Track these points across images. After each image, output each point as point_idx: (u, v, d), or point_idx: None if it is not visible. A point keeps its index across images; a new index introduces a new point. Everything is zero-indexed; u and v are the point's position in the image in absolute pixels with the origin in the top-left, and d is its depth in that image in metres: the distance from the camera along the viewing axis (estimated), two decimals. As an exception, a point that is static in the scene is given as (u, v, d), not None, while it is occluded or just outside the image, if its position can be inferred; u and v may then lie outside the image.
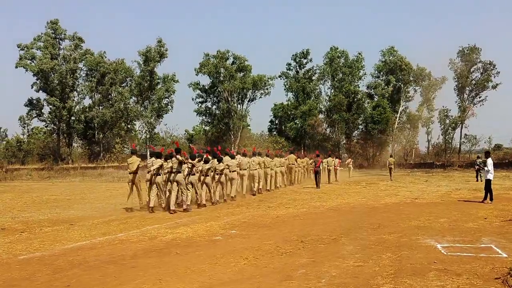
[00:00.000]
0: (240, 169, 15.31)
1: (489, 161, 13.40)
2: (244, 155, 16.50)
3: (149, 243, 7.41)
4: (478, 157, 28.44)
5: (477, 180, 23.49)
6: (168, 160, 11.92)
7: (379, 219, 9.91)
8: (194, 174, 12.22)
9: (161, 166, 11.76)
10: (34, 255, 6.57)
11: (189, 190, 12.06)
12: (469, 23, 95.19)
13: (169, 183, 11.95)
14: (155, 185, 11.79)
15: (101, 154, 53.26)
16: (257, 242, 7.34)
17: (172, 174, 11.77)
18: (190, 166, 12.06)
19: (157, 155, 12.25)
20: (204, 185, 13.03)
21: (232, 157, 15.14)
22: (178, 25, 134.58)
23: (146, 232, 8.49)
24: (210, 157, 13.36)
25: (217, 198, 13.71)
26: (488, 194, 13.17)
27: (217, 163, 13.57)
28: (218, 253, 6.53)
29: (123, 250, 6.82)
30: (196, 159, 12.39)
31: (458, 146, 51.04)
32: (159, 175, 11.71)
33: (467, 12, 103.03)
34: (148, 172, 12.01)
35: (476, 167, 24.44)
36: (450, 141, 51.65)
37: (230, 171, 14.33)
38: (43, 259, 6.27)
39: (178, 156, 11.66)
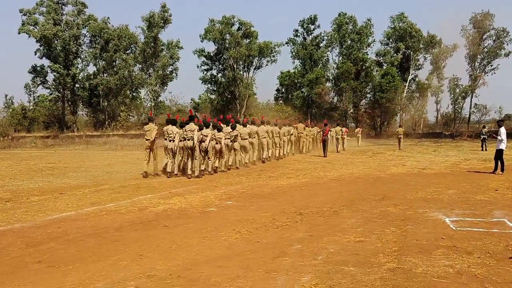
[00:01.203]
0: (250, 137, 15.43)
1: (502, 130, 12.74)
2: (253, 123, 16.57)
3: (138, 214, 7.00)
4: (484, 127, 28.11)
5: (482, 150, 23.43)
6: (183, 128, 12.18)
7: (384, 190, 9.42)
8: (203, 142, 12.27)
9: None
10: (13, 226, 6.19)
11: (202, 156, 12.36)
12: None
13: (184, 149, 12.33)
14: (171, 151, 12.22)
15: (106, 122, 53.08)
16: (252, 214, 6.90)
17: (187, 141, 12.04)
18: (205, 134, 12.22)
19: (173, 122, 12.46)
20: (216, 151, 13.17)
21: (244, 125, 15.31)
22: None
23: (137, 202, 8.08)
24: (223, 125, 13.73)
25: (230, 163, 14.11)
26: (499, 164, 12.58)
27: (231, 130, 13.81)
28: (209, 226, 6.10)
29: (108, 222, 6.42)
30: (210, 127, 12.59)
31: (468, 116, 49.99)
32: (172, 141, 12.08)
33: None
34: (164, 139, 12.33)
35: (482, 136, 24.34)
36: (459, 110, 50.60)
37: (241, 139, 14.59)
38: (21, 231, 5.88)
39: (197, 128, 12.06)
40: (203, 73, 53.92)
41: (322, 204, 7.77)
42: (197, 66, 53.97)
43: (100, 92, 51.81)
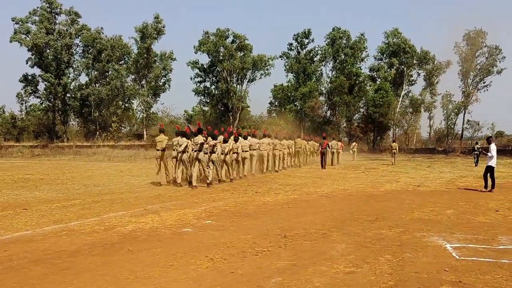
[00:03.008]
0: (250, 150, 15.93)
1: (492, 147, 12.22)
2: (254, 136, 17.14)
3: (102, 235, 6.23)
4: (476, 143, 28.02)
5: (475, 166, 23.34)
6: (192, 139, 12.69)
7: (377, 209, 8.73)
8: (215, 153, 12.83)
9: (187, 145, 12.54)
10: (-48, 249, 5.39)
11: (210, 167, 12.83)
12: (476, 7, 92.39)
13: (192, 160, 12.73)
14: (181, 162, 12.63)
15: (97, 132, 52.21)
16: (231, 237, 6.16)
17: (195, 152, 12.55)
18: (211, 145, 12.72)
19: (183, 134, 12.80)
20: (223, 163, 13.83)
21: (245, 138, 15.82)
22: (177, 1, 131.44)
23: (105, 220, 7.29)
24: (228, 138, 14.16)
25: (234, 175, 14.61)
26: (490, 182, 12.04)
27: (234, 142, 14.24)
28: (179, 251, 5.34)
29: (65, 244, 5.64)
30: (218, 139, 13.19)
31: (460, 132, 49.79)
32: (185, 152, 12.49)
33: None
34: (174, 150, 12.74)
35: (474, 152, 24.40)
36: (452, 126, 50.45)
37: (243, 151, 15.10)
38: (-41, 255, 5.09)
39: (209, 138, 12.62)
40: (196, 85, 53.51)
41: (310, 225, 7.05)
42: (191, 78, 53.55)
43: (92, 102, 51.00)
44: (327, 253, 5.33)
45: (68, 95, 52.22)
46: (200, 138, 12.52)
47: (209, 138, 12.72)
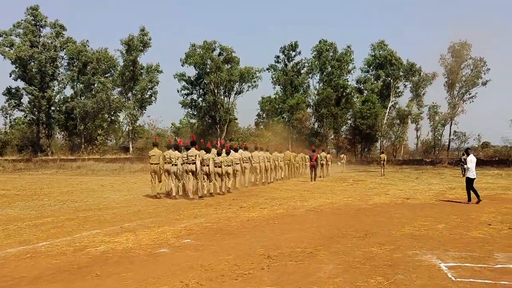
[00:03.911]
0: (243, 162, 16.11)
1: (469, 158, 12.02)
2: (246, 148, 17.38)
3: (70, 257, 5.72)
4: (463, 154, 28.20)
5: (463, 176, 23.21)
6: (184, 152, 12.86)
7: (366, 224, 8.36)
8: (208, 166, 13.09)
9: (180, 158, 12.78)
10: None
11: (204, 179, 13.12)
12: (461, 19, 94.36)
13: (186, 172, 12.91)
14: (174, 175, 12.83)
15: (83, 146, 51.31)
16: (210, 258, 5.70)
17: (189, 165, 12.67)
18: (206, 158, 13.02)
19: (175, 147, 13.04)
20: (217, 175, 13.95)
21: (236, 150, 16.10)
22: (163, 14, 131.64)
23: (77, 240, 6.78)
24: (222, 151, 14.48)
25: (229, 186, 14.76)
26: (473, 194, 11.85)
27: (225, 155, 14.39)
28: (152, 275, 4.88)
29: (26, 269, 5.13)
30: (212, 152, 13.51)
31: (447, 143, 50.08)
32: (175, 165, 12.68)
33: (459, 7, 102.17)
34: (165, 163, 12.84)
35: (461, 163, 25.22)
36: (439, 137, 50.72)
37: (234, 164, 15.17)
38: None
39: (203, 151, 12.98)
40: (183, 97, 53.11)
41: (296, 243, 6.63)
42: (177, 91, 53.12)
43: (77, 115, 50.16)
44: (314, 276, 4.91)
45: (52, 108, 51.34)
46: (194, 151, 12.70)
47: (202, 151, 13.03)
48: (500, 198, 13.29)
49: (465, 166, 12.17)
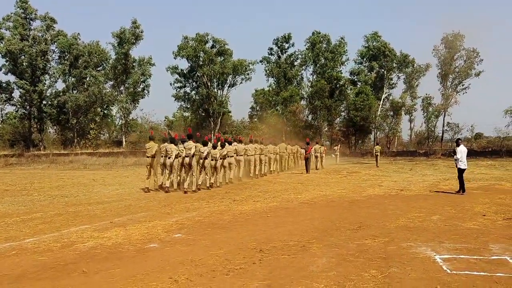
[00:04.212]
0: (237, 155, 16.17)
1: (459, 149, 12.13)
2: (240, 141, 17.41)
3: (57, 253, 5.57)
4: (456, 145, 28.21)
5: (456, 166, 23.30)
6: (180, 145, 12.92)
7: (360, 217, 8.28)
8: (206, 159, 13.27)
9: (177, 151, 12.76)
10: None
11: (200, 173, 13.35)
12: (454, 10, 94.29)
13: (183, 166, 13.04)
14: (170, 168, 12.79)
15: (75, 140, 50.87)
16: (201, 252, 5.58)
17: (186, 158, 12.75)
18: (203, 151, 13.16)
19: (171, 140, 13.00)
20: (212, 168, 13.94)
21: (230, 143, 16.11)
22: (156, 6, 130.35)
23: (65, 236, 6.62)
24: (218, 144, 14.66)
25: (221, 180, 14.75)
26: (461, 185, 12.03)
27: (220, 148, 14.48)
28: (141, 272, 4.74)
29: (11, 266, 4.97)
30: (209, 145, 13.60)
31: (441, 134, 50.20)
32: (169, 157, 12.64)
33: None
34: (162, 156, 12.90)
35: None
36: (432, 129, 50.80)
37: (228, 156, 15.29)
38: None
39: (198, 144, 13.11)
40: (176, 90, 52.64)
41: (289, 236, 6.53)
42: (170, 84, 52.63)
43: (69, 109, 49.63)
44: (306, 269, 4.81)
45: (44, 102, 50.72)
46: (191, 144, 12.80)
47: (199, 144, 13.18)
48: (494, 188, 13.27)
49: (455, 156, 12.16)
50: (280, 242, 6.12)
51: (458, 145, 12.35)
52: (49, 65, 50.55)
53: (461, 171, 12.04)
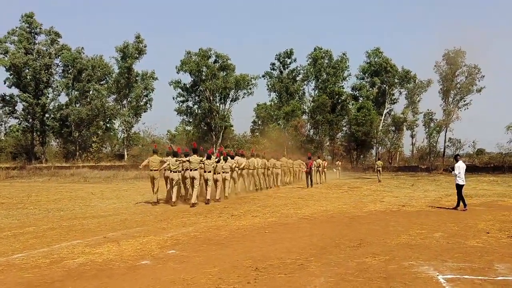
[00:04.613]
0: (239, 169, 16.40)
1: (457, 165, 11.99)
2: (242, 155, 17.65)
3: (45, 270, 5.37)
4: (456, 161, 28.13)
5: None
6: (184, 159, 12.95)
7: (361, 233, 8.06)
8: (210, 172, 13.44)
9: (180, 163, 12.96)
10: None
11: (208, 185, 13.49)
12: (456, 26, 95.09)
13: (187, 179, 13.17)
14: (174, 182, 12.94)
15: (77, 153, 50.83)
16: (194, 270, 5.37)
17: (190, 171, 12.87)
18: (208, 164, 13.33)
19: (174, 154, 13.16)
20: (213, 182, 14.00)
21: (232, 157, 16.28)
22: (159, 21, 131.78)
23: (55, 251, 6.42)
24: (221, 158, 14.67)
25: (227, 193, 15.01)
26: (461, 201, 11.88)
27: (224, 162, 14.53)
28: (129, 290, 4.54)
29: (-6, 285, 4.78)
30: (213, 159, 13.84)
31: (443, 149, 49.97)
32: (175, 172, 12.83)
33: (455, 14, 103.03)
34: (165, 170, 13.10)
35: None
36: (434, 144, 50.59)
37: (231, 171, 15.37)
38: None
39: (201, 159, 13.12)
40: (179, 104, 52.76)
41: (287, 254, 6.31)
42: (173, 98, 52.77)
43: (72, 122, 49.73)
44: (303, 290, 4.59)
45: (47, 115, 50.90)
46: (196, 158, 12.92)
47: (202, 158, 13.25)
48: (497, 205, 13.03)
49: (453, 172, 12.06)
50: (277, 260, 5.91)
51: (457, 161, 12.25)
52: (52, 79, 50.93)
53: (459, 187, 11.95)
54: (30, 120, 49.60)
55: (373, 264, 5.70)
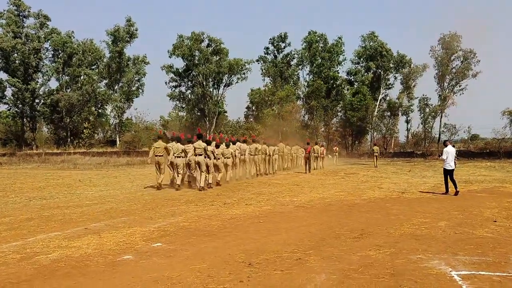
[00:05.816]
0: (242, 155, 16.58)
1: (446, 149, 11.92)
2: (245, 141, 17.71)
3: (13, 268, 4.79)
4: (453, 146, 27.85)
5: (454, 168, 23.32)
6: (188, 145, 13.17)
7: (361, 222, 7.56)
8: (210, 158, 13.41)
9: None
10: None
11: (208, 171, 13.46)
12: (452, 10, 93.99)
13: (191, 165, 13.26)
14: (179, 167, 13.06)
15: (69, 139, 49.93)
16: (181, 266, 4.82)
17: (195, 157, 13.03)
18: (209, 150, 13.30)
19: (178, 140, 13.31)
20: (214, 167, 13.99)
21: (234, 143, 16.41)
22: (151, 3, 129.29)
23: (28, 245, 5.84)
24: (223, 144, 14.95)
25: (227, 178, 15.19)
26: (454, 185, 11.68)
27: (225, 147, 14.82)
28: (105, 292, 3.99)
29: (-50, 286, 4.20)
30: (212, 145, 13.96)
31: (438, 135, 49.65)
32: (179, 157, 12.97)
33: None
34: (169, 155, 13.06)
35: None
36: (429, 130, 50.25)
37: (233, 156, 15.51)
38: None
39: (206, 145, 13.19)
40: (171, 89, 51.81)
41: (283, 246, 5.79)
42: (165, 83, 51.76)
43: (62, 108, 48.65)
44: (302, 289, 4.07)
45: (37, 100, 49.75)
46: (201, 144, 13.01)
47: (203, 144, 13.22)
48: (499, 191, 12.61)
49: (441, 157, 12.13)
50: (272, 254, 5.38)
51: (446, 146, 12.19)
52: (42, 63, 49.68)
53: (446, 172, 11.88)
54: (20, 105, 48.46)
55: (378, 258, 5.19)
